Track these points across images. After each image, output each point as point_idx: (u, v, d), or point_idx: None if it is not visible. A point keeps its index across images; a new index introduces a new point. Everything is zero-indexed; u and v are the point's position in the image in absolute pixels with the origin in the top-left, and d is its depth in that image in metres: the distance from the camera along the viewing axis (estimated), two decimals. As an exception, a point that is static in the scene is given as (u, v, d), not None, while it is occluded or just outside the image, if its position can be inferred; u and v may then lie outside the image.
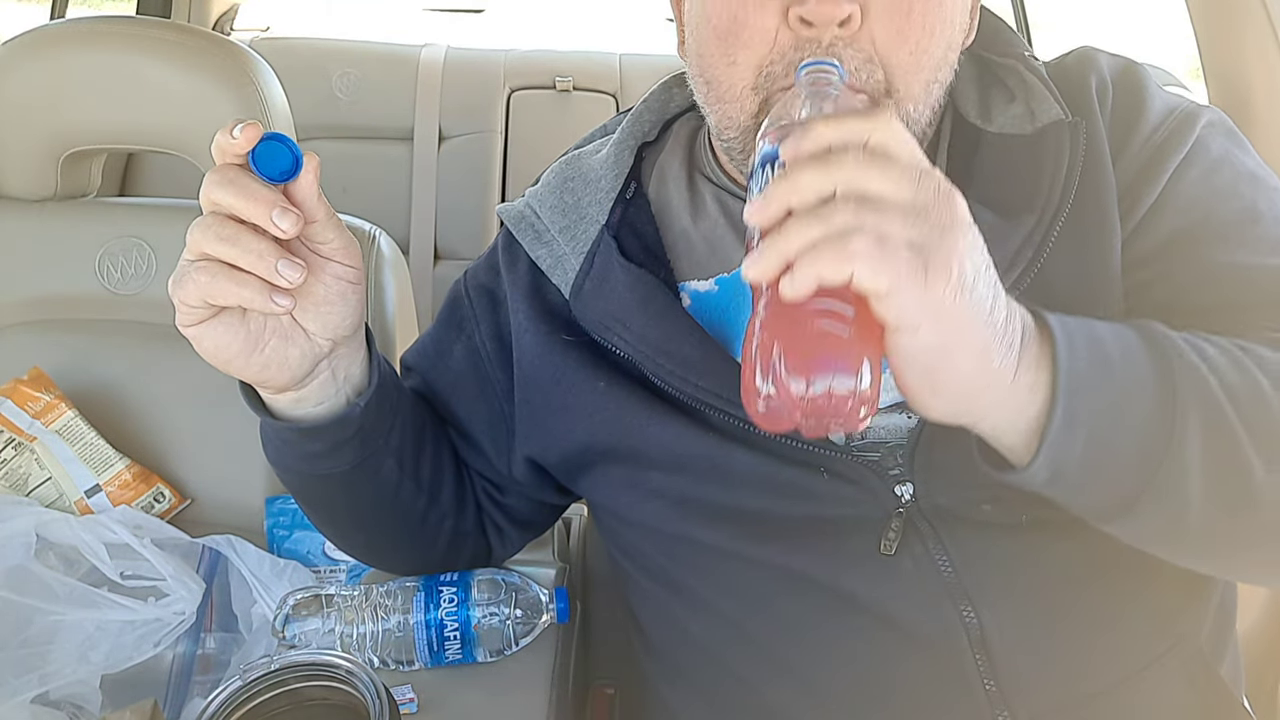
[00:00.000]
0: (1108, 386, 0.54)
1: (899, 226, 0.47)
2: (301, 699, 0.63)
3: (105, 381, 1.13)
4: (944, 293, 0.47)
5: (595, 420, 0.72)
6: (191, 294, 0.59)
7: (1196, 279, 0.66)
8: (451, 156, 2.14)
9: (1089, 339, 0.55)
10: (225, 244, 0.57)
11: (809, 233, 0.47)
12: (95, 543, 0.96)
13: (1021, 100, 0.71)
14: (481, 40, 2.36)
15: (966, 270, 0.48)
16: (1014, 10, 2.02)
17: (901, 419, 0.68)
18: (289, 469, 0.74)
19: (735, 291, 0.72)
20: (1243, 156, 0.69)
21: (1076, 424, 0.53)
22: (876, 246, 0.46)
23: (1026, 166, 0.68)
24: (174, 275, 0.60)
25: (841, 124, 0.48)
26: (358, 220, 1.18)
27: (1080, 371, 0.53)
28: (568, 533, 1.11)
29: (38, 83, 1.11)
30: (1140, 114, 0.69)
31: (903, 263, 0.46)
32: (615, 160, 0.77)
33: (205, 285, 0.58)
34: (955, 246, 0.48)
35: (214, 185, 0.57)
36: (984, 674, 0.65)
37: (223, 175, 0.57)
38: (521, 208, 0.80)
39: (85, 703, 0.86)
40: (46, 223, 1.17)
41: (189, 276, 0.58)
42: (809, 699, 0.69)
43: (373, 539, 0.82)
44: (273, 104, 1.12)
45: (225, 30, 2.28)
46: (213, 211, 0.58)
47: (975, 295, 0.49)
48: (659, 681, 0.79)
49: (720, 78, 0.67)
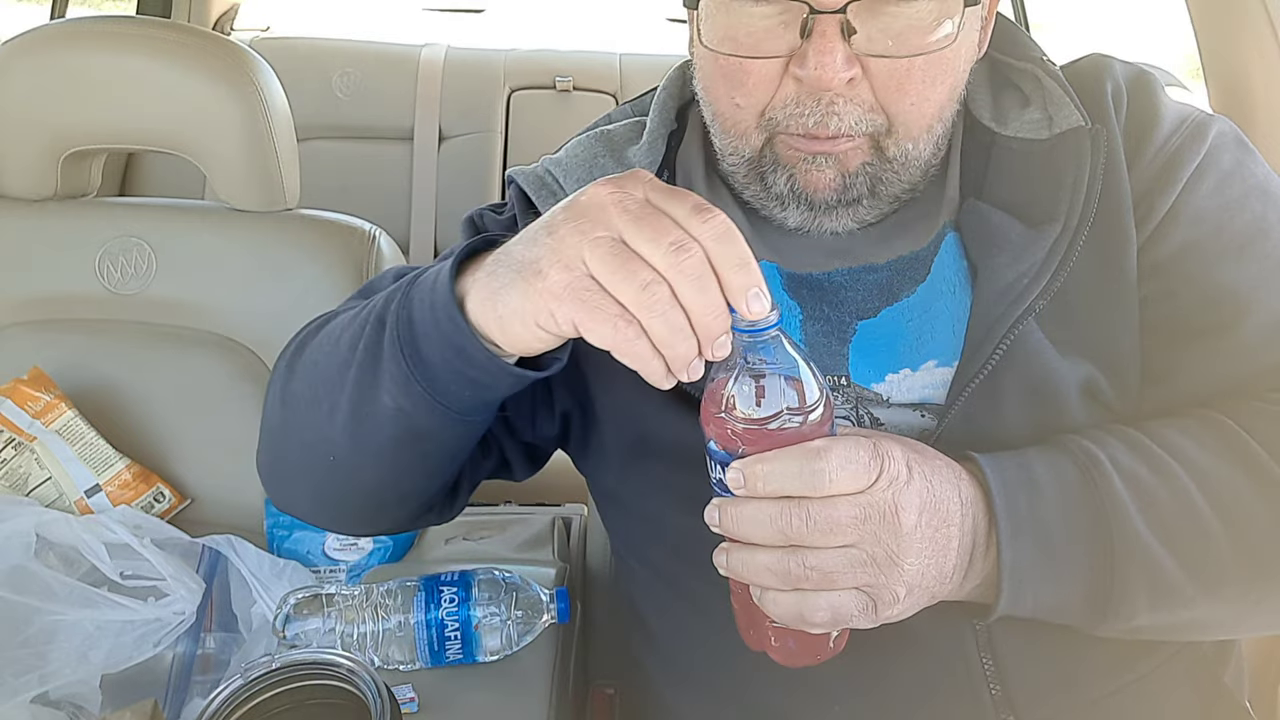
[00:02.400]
0: (1049, 573, 0.59)
1: (847, 578, 0.55)
2: (302, 699, 0.63)
3: (105, 381, 1.13)
4: (894, 612, 0.57)
5: (615, 397, 0.72)
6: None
7: (1200, 298, 0.66)
8: (451, 156, 2.15)
9: (1035, 528, 0.59)
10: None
11: (764, 579, 0.55)
12: (95, 542, 0.96)
13: (1038, 105, 0.71)
14: (481, 40, 2.36)
15: (913, 575, 0.56)
16: (1014, 10, 2.02)
17: (915, 417, 0.68)
18: (437, 406, 0.61)
19: None
20: (1253, 168, 0.70)
21: (1021, 604, 0.60)
22: (827, 608, 0.55)
23: (1044, 173, 0.68)
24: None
25: (782, 476, 0.53)
26: (358, 220, 1.18)
27: (1024, 564, 0.59)
28: (568, 533, 1.11)
29: (38, 83, 1.11)
30: (1153, 122, 0.69)
31: (852, 607, 0.55)
32: (649, 149, 0.76)
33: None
34: (901, 572, 0.55)
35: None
36: (990, 678, 0.65)
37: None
38: (542, 174, 0.77)
39: (85, 703, 0.86)
40: (46, 223, 1.17)
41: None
42: (811, 699, 0.69)
43: (416, 485, 0.72)
44: (273, 104, 1.12)
45: (225, 30, 2.28)
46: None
47: (931, 578, 0.57)
48: (660, 680, 0.79)
49: (725, 113, 0.68)
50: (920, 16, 0.61)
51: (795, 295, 0.71)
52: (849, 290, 0.71)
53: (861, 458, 0.54)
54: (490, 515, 1.15)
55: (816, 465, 0.53)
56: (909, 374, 0.68)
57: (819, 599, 0.55)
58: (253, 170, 1.13)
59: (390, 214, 1.99)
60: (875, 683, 0.67)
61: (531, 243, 0.54)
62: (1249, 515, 0.59)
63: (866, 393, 0.68)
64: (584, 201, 0.53)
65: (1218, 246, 0.67)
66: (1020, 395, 0.65)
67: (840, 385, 0.69)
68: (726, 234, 0.51)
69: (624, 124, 0.80)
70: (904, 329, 0.69)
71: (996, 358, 0.64)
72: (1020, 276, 0.65)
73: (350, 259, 1.14)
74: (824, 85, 0.61)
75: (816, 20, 0.60)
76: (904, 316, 0.69)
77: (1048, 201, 0.67)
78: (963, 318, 0.68)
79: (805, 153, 0.65)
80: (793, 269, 0.72)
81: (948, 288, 0.69)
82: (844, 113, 0.63)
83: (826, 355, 0.69)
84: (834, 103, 0.63)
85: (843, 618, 0.55)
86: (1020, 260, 0.65)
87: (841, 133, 0.64)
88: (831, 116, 0.63)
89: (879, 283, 0.70)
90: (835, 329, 0.70)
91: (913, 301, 0.69)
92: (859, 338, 0.70)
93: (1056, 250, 0.66)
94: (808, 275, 0.71)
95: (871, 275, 0.71)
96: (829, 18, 0.60)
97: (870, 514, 0.54)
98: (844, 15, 0.60)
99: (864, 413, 0.68)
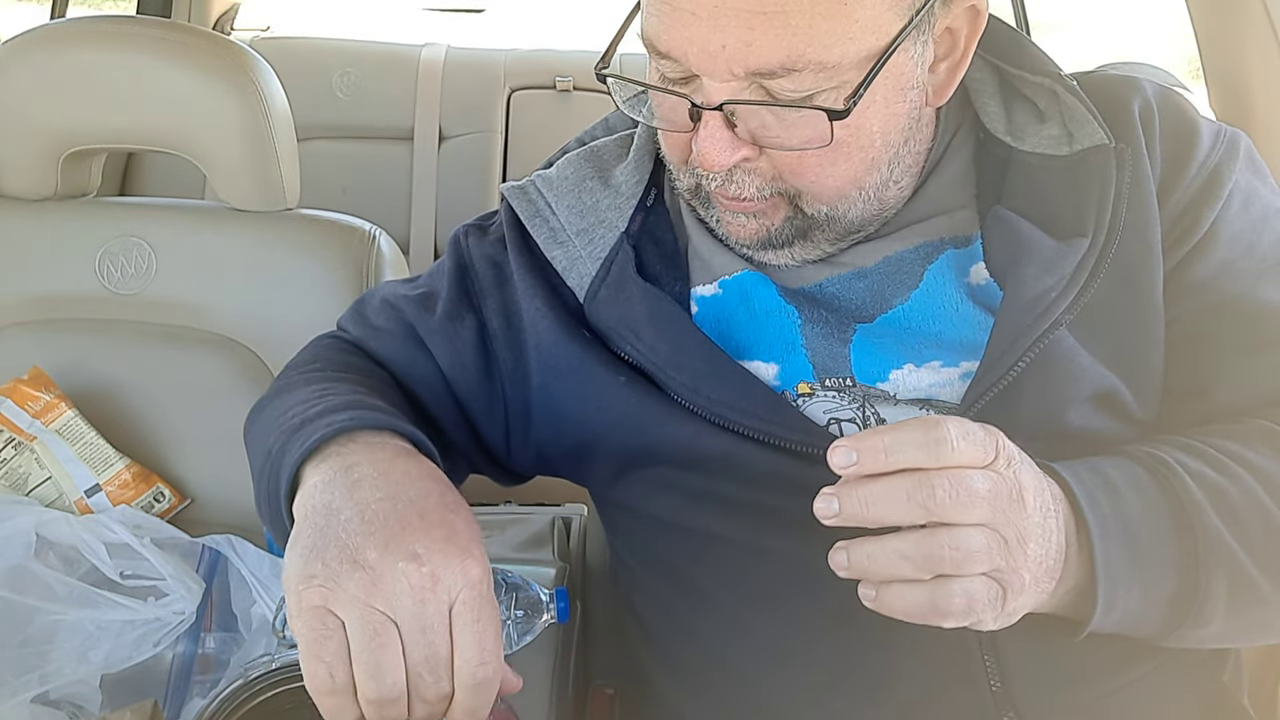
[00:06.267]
0: (1139, 575, 0.58)
1: (981, 563, 0.52)
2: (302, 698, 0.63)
3: (105, 381, 1.13)
4: (1018, 604, 0.54)
5: (613, 414, 0.72)
6: None
7: (1242, 315, 0.67)
8: (451, 156, 2.14)
9: (1123, 528, 0.58)
10: None
11: (899, 568, 0.52)
12: (95, 542, 0.96)
13: (1056, 121, 0.70)
14: (481, 40, 2.36)
15: (1034, 563, 0.53)
16: (1014, 10, 2.01)
17: (919, 413, 0.68)
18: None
19: (737, 293, 0.72)
20: (1264, 184, 0.70)
21: (1112, 610, 0.58)
22: (962, 594, 0.52)
23: (1065, 189, 0.68)
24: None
25: (906, 445, 0.51)
26: (358, 220, 1.18)
27: (1115, 564, 0.57)
28: (568, 533, 1.11)
29: (38, 83, 1.11)
30: (1193, 138, 0.69)
31: (984, 595, 0.52)
32: (636, 166, 0.76)
33: None
34: (1026, 557, 0.53)
35: None
36: (991, 674, 0.65)
37: None
38: (534, 196, 0.77)
39: (85, 702, 0.86)
40: (46, 222, 1.17)
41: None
42: (812, 696, 0.69)
43: None
44: (273, 104, 1.12)
45: (225, 30, 2.28)
46: None
47: (1043, 571, 0.54)
48: (660, 679, 0.79)
49: (664, 150, 0.70)
50: (802, 115, 0.61)
51: (791, 300, 0.72)
52: (842, 298, 0.71)
53: (977, 432, 0.52)
54: (490, 515, 1.15)
55: (938, 434, 0.51)
56: (913, 369, 0.68)
57: (954, 585, 0.52)
58: (253, 170, 1.13)
59: (390, 214, 1.99)
60: (877, 680, 0.67)
61: (339, 543, 0.53)
62: None
63: (874, 390, 0.69)
64: (397, 576, 0.52)
65: (1252, 265, 0.68)
66: (1040, 403, 0.65)
67: (846, 385, 0.69)
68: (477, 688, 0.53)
69: (614, 139, 0.80)
70: (903, 330, 0.69)
71: (1021, 366, 0.64)
72: (1049, 289, 0.65)
73: (350, 259, 1.14)
74: (710, 169, 0.63)
75: (703, 112, 0.61)
76: (902, 320, 0.69)
77: (1072, 217, 0.67)
78: (970, 322, 0.68)
79: (722, 205, 0.67)
80: (784, 283, 0.72)
81: (944, 291, 0.69)
82: (744, 182, 0.64)
83: (828, 356, 0.70)
84: (731, 175, 0.64)
85: (977, 606, 0.52)
86: (1050, 272, 0.65)
87: (746, 196, 0.65)
88: (731, 184, 0.65)
89: (871, 288, 0.71)
90: (835, 330, 0.70)
91: (908, 308, 0.69)
92: (859, 337, 0.70)
93: (1085, 265, 0.66)
94: (800, 289, 0.72)
95: (862, 281, 0.71)
96: (711, 110, 0.61)
97: (999, 490, 0.52)
98: (722, 111, 0.61)
99: (870, 412, 0.68)
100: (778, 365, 0.70)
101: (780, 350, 0.70)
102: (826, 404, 0.69)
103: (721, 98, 0.60)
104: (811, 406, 0.69)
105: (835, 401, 0.69)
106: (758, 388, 0.69)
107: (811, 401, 0.69)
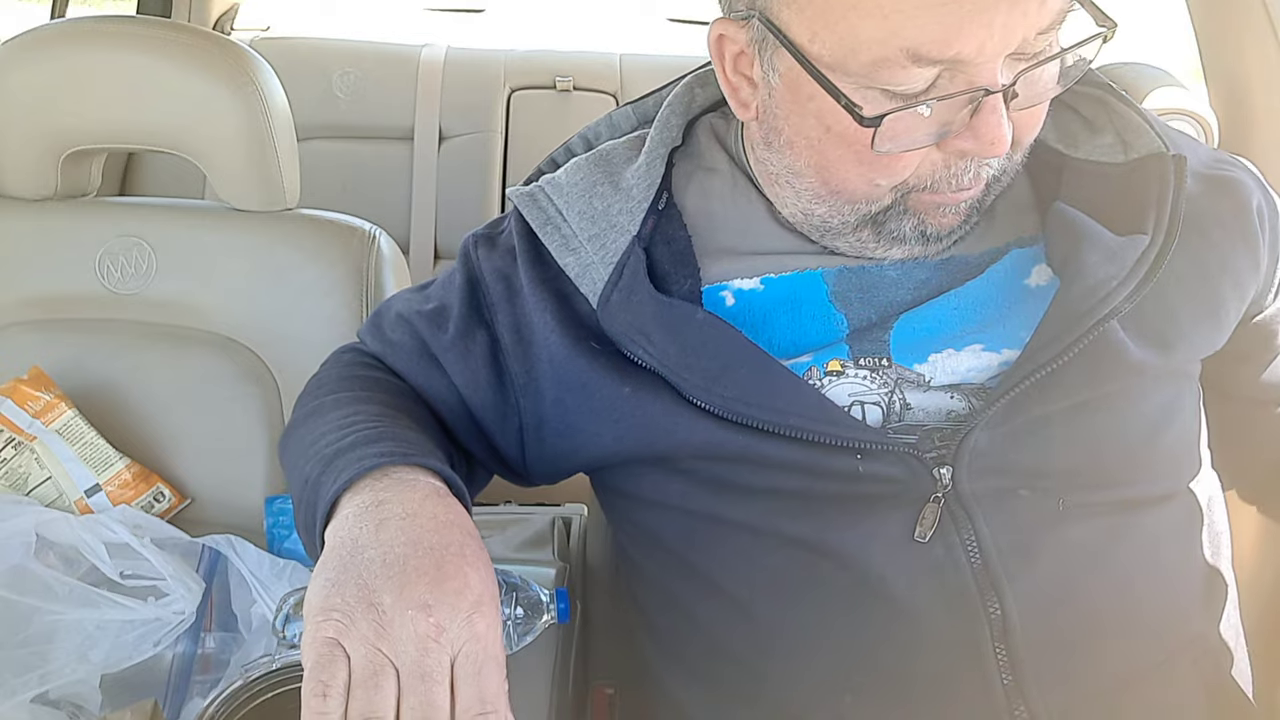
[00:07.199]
0: None
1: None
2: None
3: (105, 381, 1.13)
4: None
5: (622, 426, 0.72)
6: None
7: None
8: (451, 156, 2.14)
9: None
10: None
11: None
12: (95, 542, 0.96)
13: (1110, 131, 0.72)
14: (481, 40, 2.36)
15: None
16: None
17: (944, 398, 0.68)
18: None
19: (781, 293, 0.73)
20: None
21: None
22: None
23: (1123, 192, 0.70)
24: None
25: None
26: (358, 220, 1.18)
27: None
28: (568, 533, 1.11)
29: (38, 83, 1.11)
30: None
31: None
32: (647, 170, 0.76)
33: None
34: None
35: None
36: (1003, 667, 0.65)
37: None
38: (544, 203, 0.77)
39: (85, 702, 0.86)
40: (46, 222, 1.17)
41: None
42: (820, 690, 0.69)
43: None
44: (273, 104, 1.12)
45: (225, 30, 2.28)
46: None
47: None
48: (661, 672, 0.79)
49: (850, 187, 0.68)
50: (1055, 62, 0.64)
51: (837, 303, 0.73)
52: (897, 286, 0.72)
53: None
54: (490, 515, 1.15)
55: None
56: (952, 353, 0.69)
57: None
58: (253, 170, 1.13)
59: (390, 214, 1.99)
60: (887, 672, 0.67)
61: (359, 582, 0.57)
62: None
63: (908, 373, 0.69)
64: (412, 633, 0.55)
65: None
66: (1079, 396, 0.66)
67: (880, 365, 0.69)
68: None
69: (623, 141, 0.80)
70: (950, 315, 0.70)
71: (1068, 356, 0.65)
72: (1110, 277, 0.66)
73: (350, 259, 1.14)
74: (1000, 154, 0.63)
75: (985, 98, 0.61)
76: (950, 304, 0.70)
77: (1132, 216, 0.69)
78: (1021, 308, 0.69)
79: (937, 203, 0.67)
80: (846, 263, 0.73)
81: (1000, 284, 0.71)
82: (993, 163, 0.66)
83: (867, 337, 0.70)
84: (986, 160, 0.65)
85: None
86: (1112, 262, 0.67)
87: (986, 179, 0.67)
88: (984, 168, 0.66)
89: (925, 279, 0.72)
90: (878, 312, 0.71)
91: (960, 294, 0.71)
92: (902, 321, 0.71)
93: (1145, 259, 0.67)
94: (860, 268, 0.73)
95: (922, 271, 0.72)
96: (994, 94, 0.61)
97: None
98: (1012, 86, 0.61)
99: (898, 396, 0.69)
100: (812, 354, 0.71)
101: (817, 346, 0.71)
102: (853, 385, 0.69)
103: (1011, 73, 0.61)
104: (836, 388, 0.69)
105: (864, 384, 0.69)
106: (775, 376, 0.69)
107: (838, 382, 0.69)
